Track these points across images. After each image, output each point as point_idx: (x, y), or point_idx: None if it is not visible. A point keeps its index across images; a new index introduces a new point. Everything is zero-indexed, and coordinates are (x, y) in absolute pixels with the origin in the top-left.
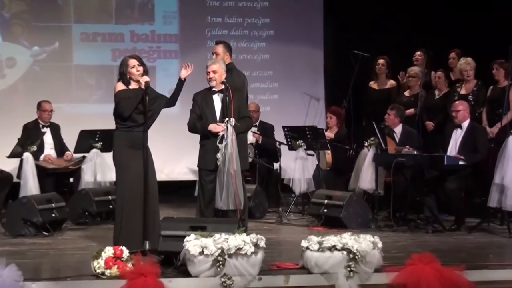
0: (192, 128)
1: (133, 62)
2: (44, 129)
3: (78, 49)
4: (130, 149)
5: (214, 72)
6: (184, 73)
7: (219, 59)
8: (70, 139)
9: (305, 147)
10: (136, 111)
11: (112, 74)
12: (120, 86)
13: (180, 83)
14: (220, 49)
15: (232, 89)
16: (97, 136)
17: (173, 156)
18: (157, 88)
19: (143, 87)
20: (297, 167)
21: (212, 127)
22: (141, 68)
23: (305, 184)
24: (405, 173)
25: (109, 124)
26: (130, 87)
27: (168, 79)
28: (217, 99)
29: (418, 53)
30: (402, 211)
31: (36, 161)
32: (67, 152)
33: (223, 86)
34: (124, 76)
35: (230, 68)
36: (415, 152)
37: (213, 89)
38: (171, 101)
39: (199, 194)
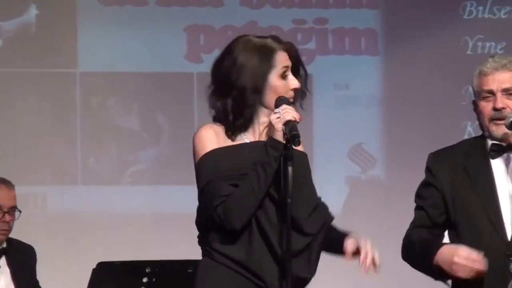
0: (418, 256)
1: (283, 58)
2: None
3: (92, 28)
4: None
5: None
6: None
7: None
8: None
9: None
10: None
11: (188, 96)
12: (209, 135)
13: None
14: None
15: None
16: (145, 278)
17: None
18: (313, 141)
19: (279, 138)
20: None
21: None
22: (294, 83)
23: None
24: None
25: (177, 243)
26: (249, 137)
27: (345, 113)
28: (501, 171)
29: None
30: None
31: None
32: None
33: None
34: (245, 100)
35: None
36: None
37: (494, 141)
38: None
39: None
